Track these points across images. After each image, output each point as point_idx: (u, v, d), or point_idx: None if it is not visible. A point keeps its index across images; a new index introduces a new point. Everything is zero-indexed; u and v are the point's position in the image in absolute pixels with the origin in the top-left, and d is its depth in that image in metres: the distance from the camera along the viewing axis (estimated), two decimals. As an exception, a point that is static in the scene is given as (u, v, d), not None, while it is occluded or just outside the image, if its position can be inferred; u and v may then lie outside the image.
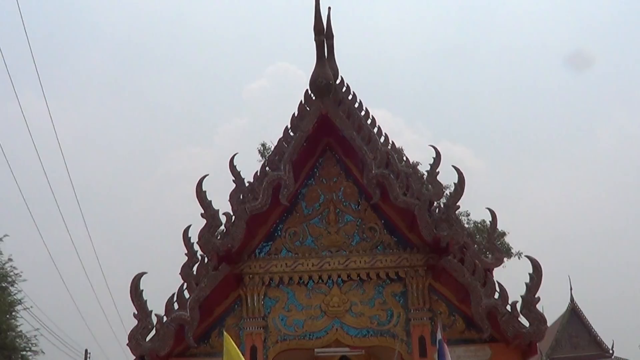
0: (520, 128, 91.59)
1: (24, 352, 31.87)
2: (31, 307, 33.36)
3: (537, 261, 11.55)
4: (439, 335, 10.64)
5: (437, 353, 10.76)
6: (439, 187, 12.15)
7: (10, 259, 31.10)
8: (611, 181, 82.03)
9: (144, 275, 11.75)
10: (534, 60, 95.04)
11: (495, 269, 12.42)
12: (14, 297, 31.25)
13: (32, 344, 32.23)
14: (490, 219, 12.79)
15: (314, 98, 12.38)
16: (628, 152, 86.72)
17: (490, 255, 12.65)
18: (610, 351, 59.87)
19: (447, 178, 12.59)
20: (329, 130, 12.44)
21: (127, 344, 11.37)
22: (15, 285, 31.33)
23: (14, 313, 31.12)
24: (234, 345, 10.02)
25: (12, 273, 31.18)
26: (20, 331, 31.79)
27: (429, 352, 11.50)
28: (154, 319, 11.48)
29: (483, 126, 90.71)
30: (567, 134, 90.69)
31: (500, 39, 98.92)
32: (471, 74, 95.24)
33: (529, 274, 11.53)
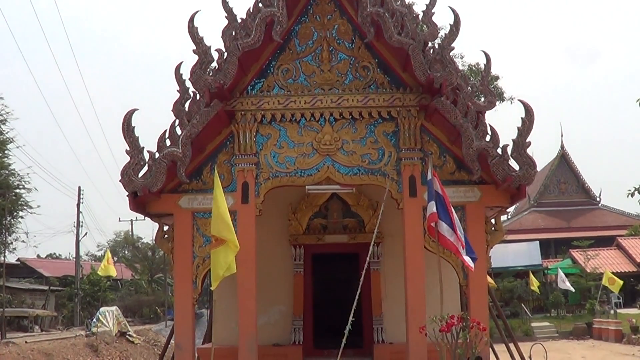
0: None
1: (18, 190, 32.37)
2: (24, 145, 33.64)
3: (529, 105, 11.50)
4: (430, 175, 10.74)
5: (426, 193, 10.92)
6: (434, 28, 12.00)
7: (0, 97, 31.02)
8: (612, 28, 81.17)
9: (137, 113, 11.59)
10: None
11: (487, 114, 12.41)
12: (6, 135, 31.39)
13: (25, 181, 32.76)
14: (485, 62, 12.68)
15: None
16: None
17: (483, 98, 12.61)
18: (598, 199, 61.34)
19: (448, 20, 12.38)
20: (324, -34, 12.09)
21: (119, 180, 11.41)
22: (7, 124, 31.40)
23: (6, 151, 31.34)
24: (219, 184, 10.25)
25: (3, 112, 31.18)
26: (13, 169, 32.18)
27: (419, 191, 11.66)
28: (146, 156, 11.49)
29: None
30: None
31: None
32: None
33: (521, 117, 11.51)
